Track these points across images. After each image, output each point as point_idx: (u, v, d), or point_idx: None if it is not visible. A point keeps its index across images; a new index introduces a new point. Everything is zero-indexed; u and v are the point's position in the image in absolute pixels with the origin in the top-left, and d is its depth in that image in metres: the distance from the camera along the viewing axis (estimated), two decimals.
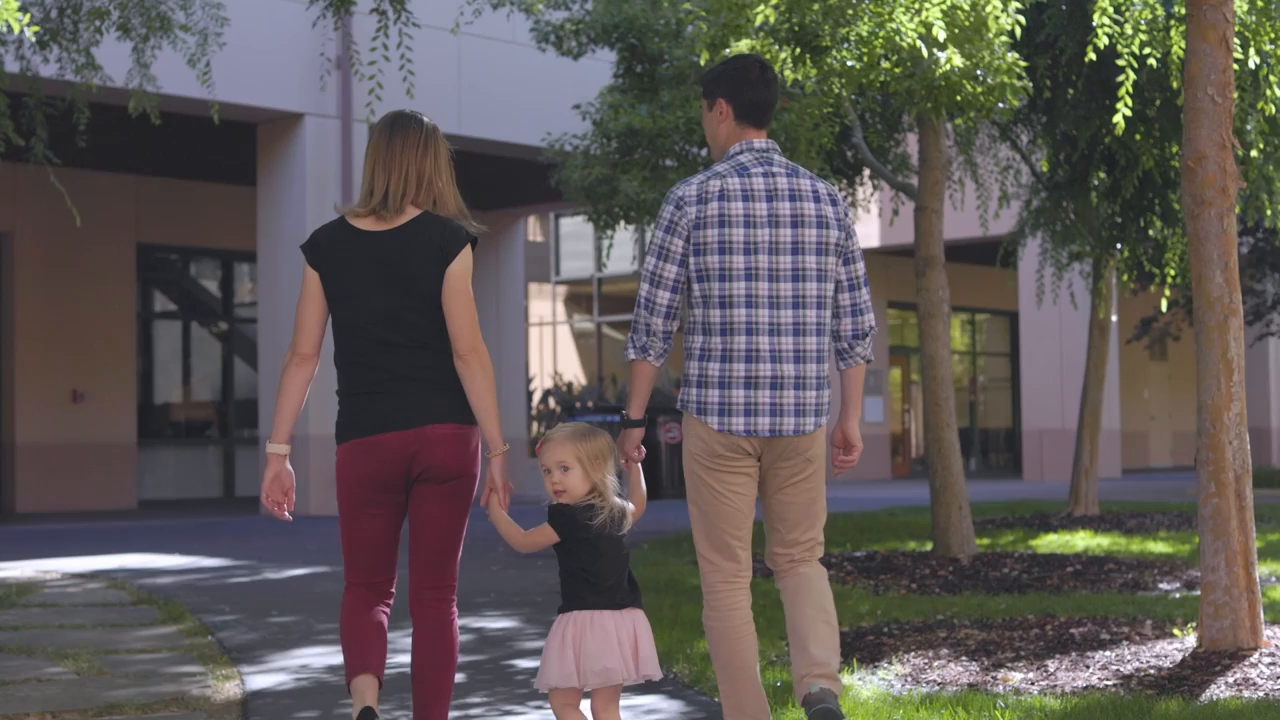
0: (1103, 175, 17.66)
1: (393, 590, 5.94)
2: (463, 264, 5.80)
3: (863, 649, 8.88)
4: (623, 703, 7.13)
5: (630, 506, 5.77)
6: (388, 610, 5.91)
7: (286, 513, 5.91)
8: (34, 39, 12.93)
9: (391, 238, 5.78)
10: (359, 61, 13.41)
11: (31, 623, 10.23)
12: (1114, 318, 21.68)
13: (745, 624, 5.95)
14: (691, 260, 5.90)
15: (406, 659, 6.10)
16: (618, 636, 5.57)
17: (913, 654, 8.62)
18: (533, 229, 40.50)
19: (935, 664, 8.30)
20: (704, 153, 15.81)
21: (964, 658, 8.46)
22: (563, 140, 17.38)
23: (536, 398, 37.41)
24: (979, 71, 12.05)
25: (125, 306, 26.11)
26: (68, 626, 10.04)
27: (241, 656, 8.88)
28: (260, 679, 8.19)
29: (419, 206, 5.84)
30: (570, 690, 5.62)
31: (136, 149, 23.97)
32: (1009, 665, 8.20)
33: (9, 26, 10.67)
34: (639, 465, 6.01)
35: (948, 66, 11.75)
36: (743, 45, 12.17)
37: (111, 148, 23.59)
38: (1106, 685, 7.60)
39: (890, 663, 8.37)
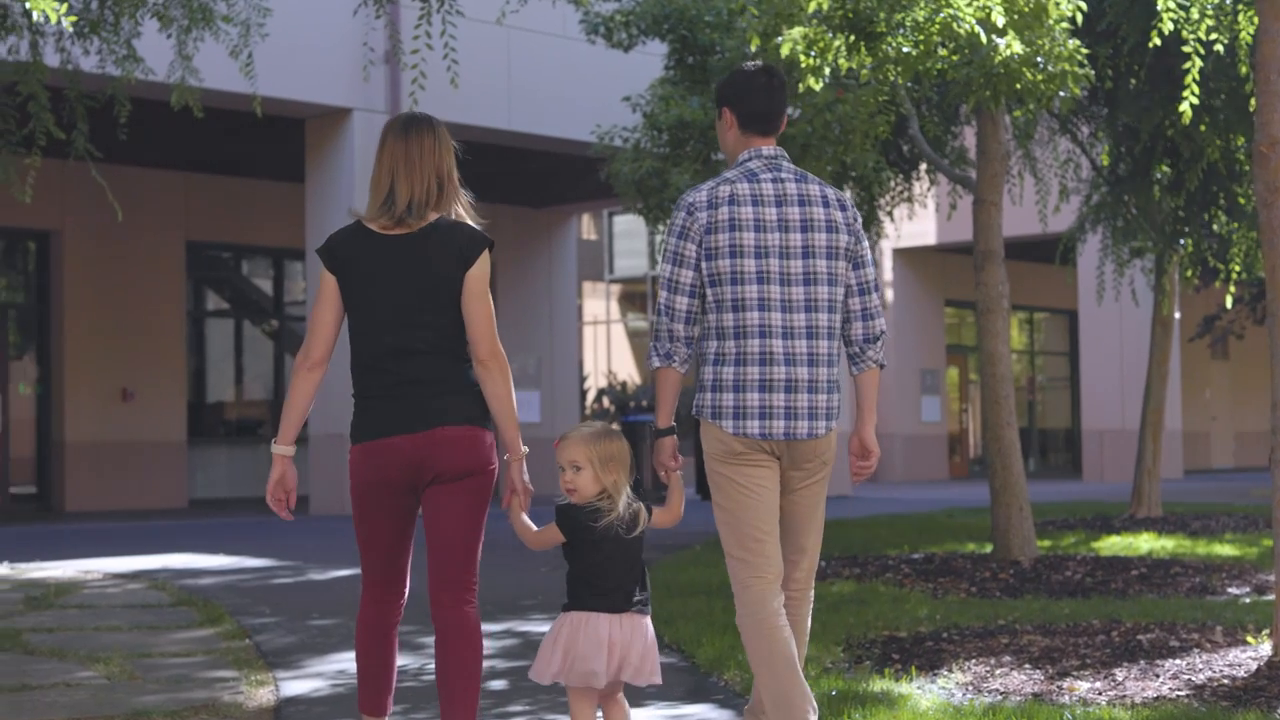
0: (1166, 168, 17.30)
1: (405, 591, 5.97)
2: (482, 268, 5.81)
3: (921, 655, 8.55)
4: (672, 712, 6.93)
5: (643, 511, 5.74)
6: (399, 614, 5.95)
7: (288, 511, 5.93)
8: (71, 29, 12.68)
9: (410, 242, 5.77)
10: (402, 51, 13.13)
11: (67, 624, 9.99)
12: (1176, 315, 21.25)
13: (778, 616, 5.88)
14: (704, 265, 5.94)
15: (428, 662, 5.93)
16: (609, 641, 5.59)
17: (974, 661, 8.29)
18: (586, 227, 40.30)
19: (998, 672, 7.96)
20: None
21: (1027, 665, 8.13)
22: (612, 133, 17.05)
23: (591, 397, 37.21)
24: (1039, 59, 11.67)
25: (175, 304, 25.95)
26: (103, 629, 9.80)
27: (278, 661, 8.61)
28: (295, 685, 7.92)
29: (438, 211, 5.84)
30: (588, 690, 5.68)
31: (185, 146, 23.82)
32: (1075, 674, 7.86)
33: (46, 17, 10.47)
34: (678, 474, 6.05)
35: (1007, 53, 11.39)
36: (795, 33, 11.84)
37: (160, 145, 23.49)
38: (1179, 696, 7.25)
39: (950, 670, 8.04)
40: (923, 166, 18.32)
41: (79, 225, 24.26)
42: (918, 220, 27.38)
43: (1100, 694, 7.34)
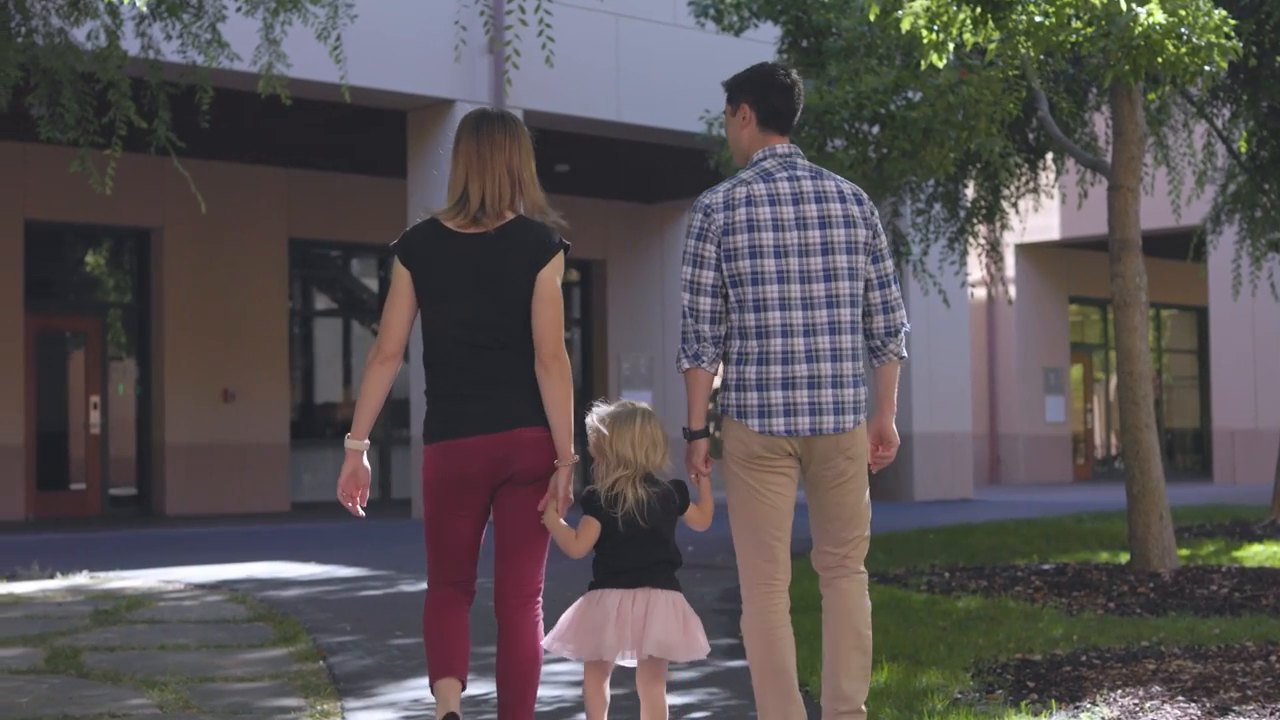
0: None
1: (473, 591, 5.97)
2: (554, 270, 5.82)
3: (1059, 683, 7.71)
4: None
5: (672, 494, 5.97)
6: (467, 608, 5.96)
7: (360, 508, 5.92)
8: (147, 10, 12.08)
9: (485, 241, 5.81)
10: (493, 27, 12.42)
11: (132, 642, 9.31)
12: None
13: (782, 627, 5.93)
14: (724, 267, 5.96)
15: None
16: (617, 614, 5.81)
17: (1119, 692, 7.44)
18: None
19: (1147, 705, 7.11)
20: (875, 129, 14.64)
21: (1180, 697, 7.26)
22: (722, 119, 16.20)
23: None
24: (1183, 30, 10.77)
25: (277, 303, 25.42)
26: (169, 647, 9.11)
27: (350, 688, 7.88)
28: (362, 716, 7.18)
29: (514, 210, 5.87)
30: (598, 664, 5.92)
31: (287, 141, 23.33)
32: (1236, 709, 6.97)
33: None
34: (709, 478, 6.07)
35: (1148, 23, 10.51)
36: (917, 6, 11.02)
37: (261, 140, 23.02)
38: None
39: (1094, 702, 7.21)
40: (1049, 155, 17.44)
41: (179, 223, 23.76)
42: (1041, 214, 26.53)
43: None
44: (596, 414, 6.06)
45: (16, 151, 22.05)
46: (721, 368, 6.09)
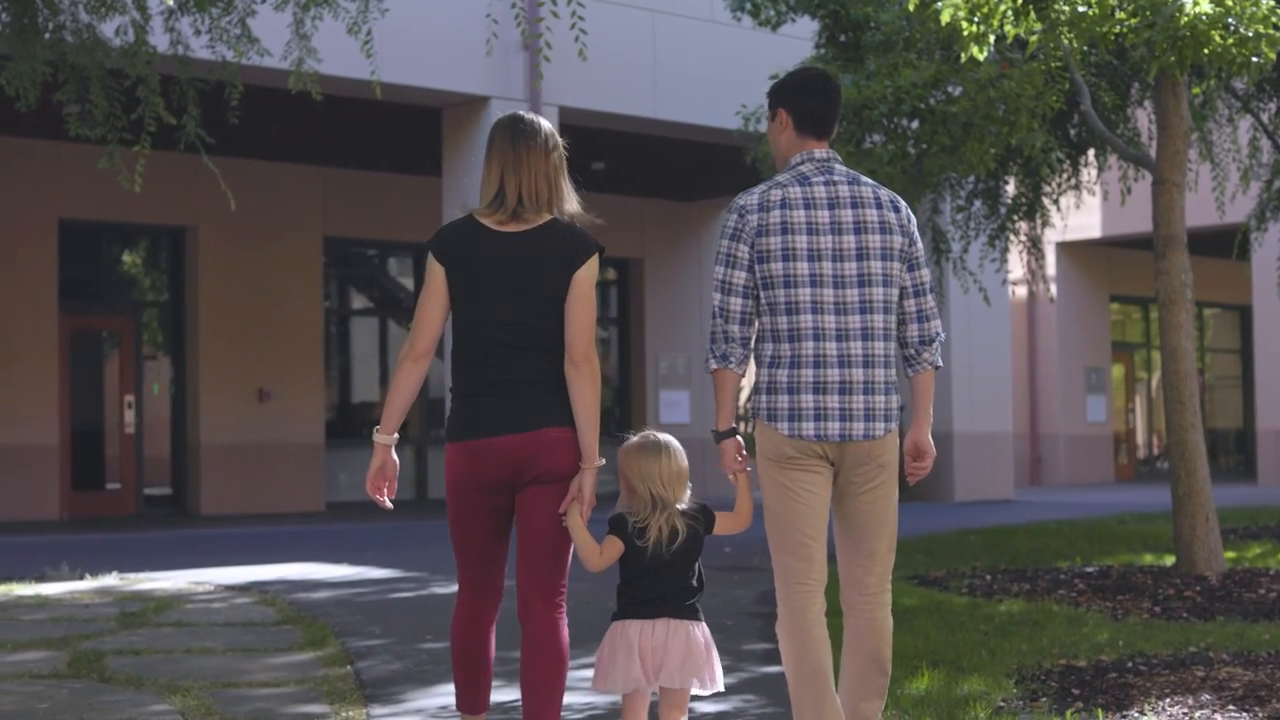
0: None
1: (501, 592, 5.98)
2: (589, 271, 5.81)
3: (1106, 691, 7.50)
4: None
5: (696, 525, 5.85)
6: (495, 613, 5.96)
7: (388, 501, 5.92)
8: (172, 3, 11.92)
9: (522, 240, 5.80)
10: (525, 21, 12.23)
11: (157, 646, 9.15)
12: None
13: (817, 626, 5.87)
14: (757, 269, 5.93)
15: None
16: (639, 645, 5.73)
17: (1167, 700, 7.22)
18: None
19: (1197, 714, 6.91)
20: (914, 124, 14.40)
21: (1231, 707, 7.05)
22: (759, 113, 16.00)
23: (744, 396, 36.33)
24: (1230, 20, 10.52)
25: (313, 302, 25.29)
26: (194, 651, 8.94)
27: (376, 694, 7.71)
28: None
29: (550, 211, 5.85)
30: (635, 695, 5.81)
31: (322, 140, 23.20)
32: None
33: None
34: (747, 475, 6.01)
35: (1194, 13, 10.26)
36: None
37: (296, 139, 22.89)
38: None
39: (1142, 711, 7.00)
40: (1091, 151, 17.18)
41: (214, 222, 23.63)
42: (1081, 212, 26.27)
43: None
44: (623, 449, 5.93)
45: (50, 151, 21.96)
46: (753, 370, 6.05)
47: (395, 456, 5.90)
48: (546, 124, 5.96)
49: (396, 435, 5.88)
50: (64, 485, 22.75)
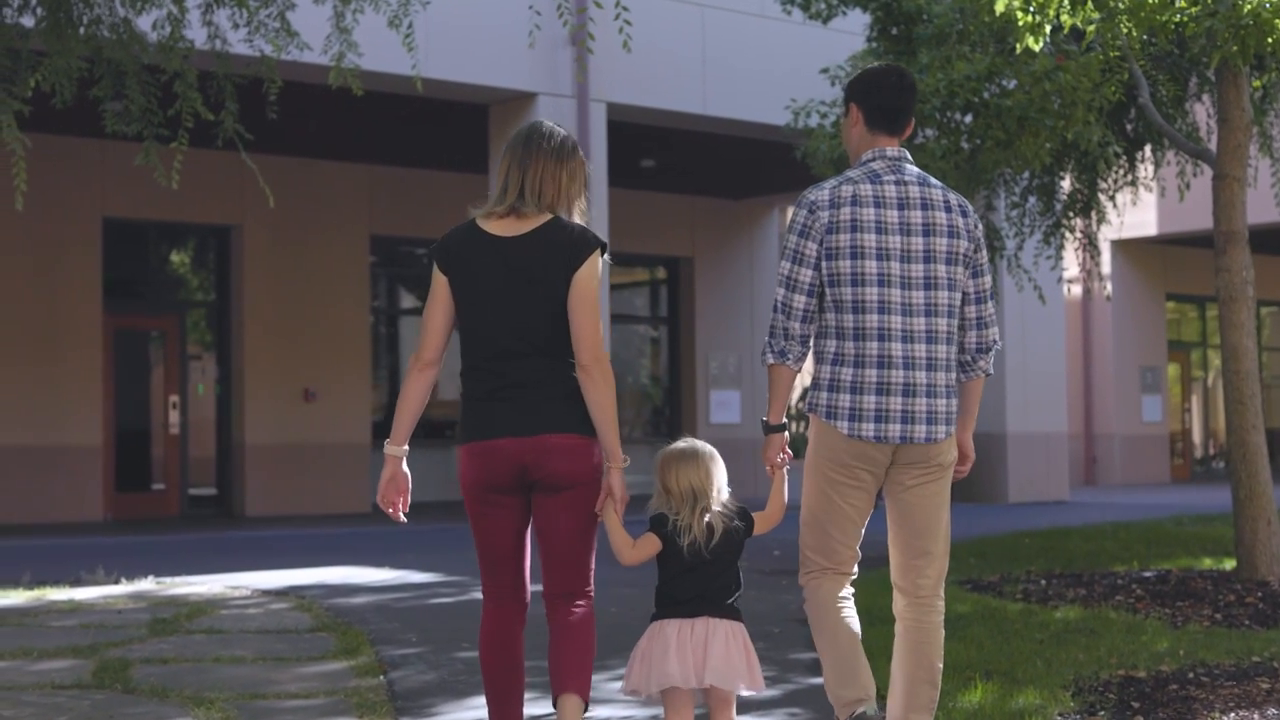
0: None
1: (527, 598, 5.94)
2: (590, 270, 5.74)
3: (1166, 704, 7.20)
4: None
5: (735, 526, 5.81)
6: (522, 622, 5.92)
7: (401, 514, 5.95)
8: None
9: (521, 242, 5.77)
10: (569, 13, 11.96)
11: (186, 654, 8.92)
12: None
13: (844, 600, 5.96)
14: (824, 265, 5.89)
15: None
16: (678, 643, 5.68)
17: (1231, 714, 6.95)
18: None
19: None
20: (968, 119, 14.08)
21: None
22: (809, 108, 15.68)
23: (795, 395, 36.05)
24: None
25: (360, 301, 25.09)
26: (224, 660, 8.70)
27: (408, 706, 7.44)
28: None
29: (552, 211, 5.81)
30: (674, 695, 5.74)
31: (369, 138, 23.02)
32: None
33: None
34: (783, 472, 6.03)
35: (1257, 1, 9.92)
36: None
37: (342, 137, 22.72)
38: None
39: None
40: (1148, 147, 16.82)
41: (259, 221, 23.44)
42: (1138, 210, 25.87)
43: None
44: (660, 454, 5.91)
45: (94, 149, 21.81)
46: (813, 366, 6.03)
47: (406, 469, 5.91)
48: (569, 136, 5.94)
49: (407, 447, 5.91)
50: (107, 486, 22.62)
